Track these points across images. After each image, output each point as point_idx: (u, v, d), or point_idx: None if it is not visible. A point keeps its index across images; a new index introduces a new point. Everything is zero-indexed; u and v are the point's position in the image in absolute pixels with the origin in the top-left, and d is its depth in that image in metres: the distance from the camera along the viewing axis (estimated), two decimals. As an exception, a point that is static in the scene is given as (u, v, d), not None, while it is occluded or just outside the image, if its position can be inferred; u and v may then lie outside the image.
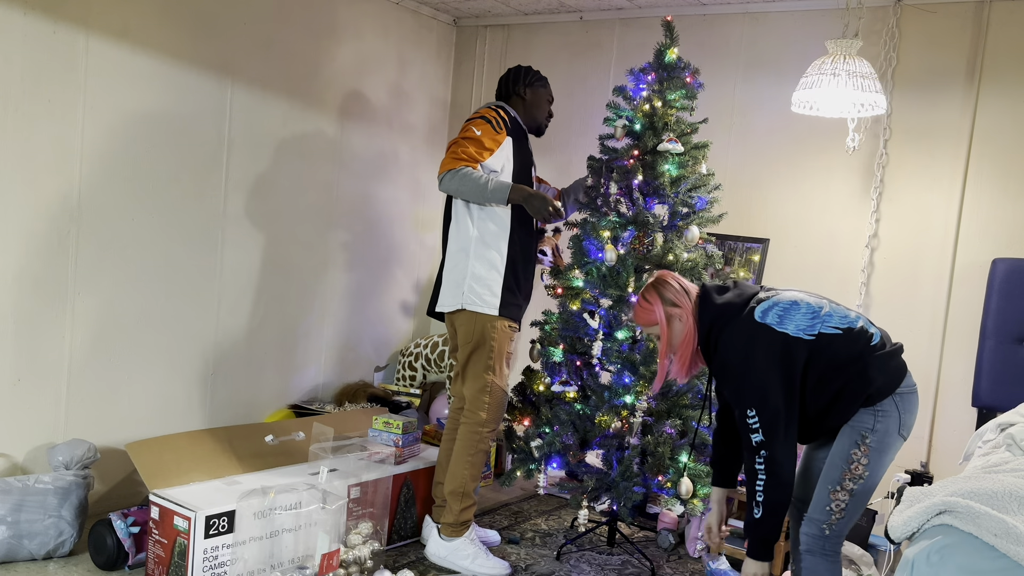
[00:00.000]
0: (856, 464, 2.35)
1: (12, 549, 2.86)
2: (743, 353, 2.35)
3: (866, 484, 2.36)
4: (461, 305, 3.15)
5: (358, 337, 4.49)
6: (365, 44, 4.32)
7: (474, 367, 3.19)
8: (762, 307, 2.39)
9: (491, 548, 3.30)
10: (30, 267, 3.08)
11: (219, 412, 3.78)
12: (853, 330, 2.38)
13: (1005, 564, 1.75)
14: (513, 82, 3.34)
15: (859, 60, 3.26)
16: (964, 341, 3.54)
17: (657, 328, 2.53)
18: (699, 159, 3.30)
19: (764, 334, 2.34)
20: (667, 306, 2.50)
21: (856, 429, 2.37)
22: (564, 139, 4.53)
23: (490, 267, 3.14)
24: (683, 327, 2.49)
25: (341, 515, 2.94)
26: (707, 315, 2.45)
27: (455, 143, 3.12)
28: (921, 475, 3.27)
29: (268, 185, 3.88)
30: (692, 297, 2.50)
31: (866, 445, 2.34)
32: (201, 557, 2.68)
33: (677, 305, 2.49)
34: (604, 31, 4.46)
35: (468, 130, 3.12)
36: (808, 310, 2.39)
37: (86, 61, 3.15)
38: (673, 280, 2.55)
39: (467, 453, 3.18)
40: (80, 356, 3.25)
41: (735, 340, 2.37)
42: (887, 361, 2.39)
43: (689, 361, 2.50)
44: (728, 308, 2.43)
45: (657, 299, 2.52)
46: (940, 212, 3.61)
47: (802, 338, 2.33)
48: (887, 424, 2.35)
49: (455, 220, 3.22)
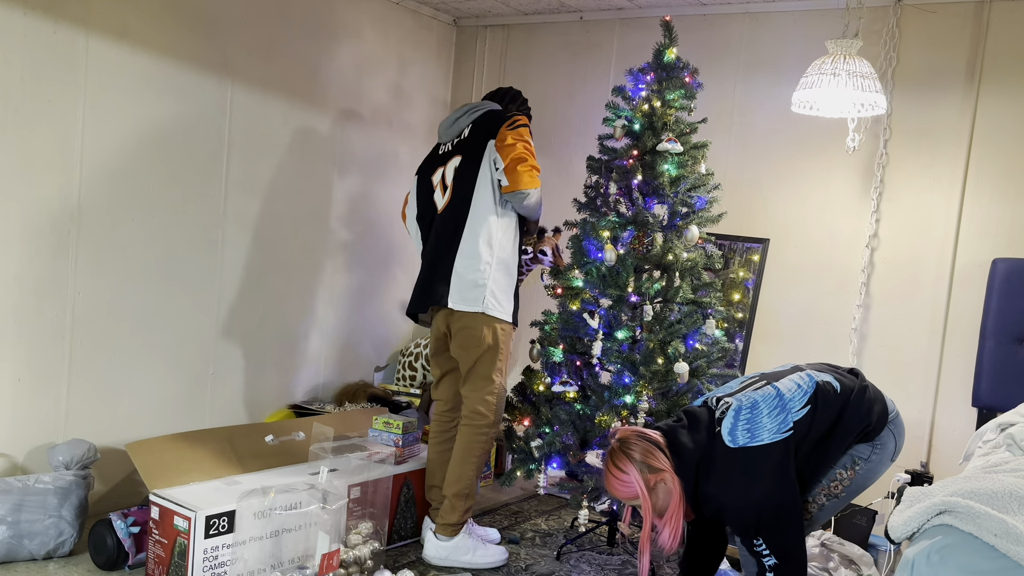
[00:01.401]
0: (837, 484, 2.30)
1: (12, 549, 2.86)
2: (740, 489, 2.18)
3: (838, 501, 2.31)
4: (482, 309, 3.06)
5: (358, 337, 4.49)
6: (365, 44, 4.32)
7: (484, 369, 3.15)
8: (727, 428, 2.23)
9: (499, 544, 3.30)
10: (30, 267, 3.08)
11: (219, 412, 3.78)
12: (818, 396, 2.26)
13: (1005, 564, 1.75)
14: (510, 100, 3.39)
15: (859, 60, 3.26)
16: (964, 341, 3.54)
17: (639, 500, 2.26)
18: (698, 159, 3.30)
19: (747, 458, 2.19)
20: (645, 472, 2.24)
21: (851, 455, 2.31)
22: (564, 139, 4.53)
23: (508, 272, 3.13)
24: (668, 490, 2.24)
25: (341, 515, 2.94)
26: (688, 466, 2.23)
27: (524, 157, 3.05)
28: (921, 475, 3.27)
29: (268, 185, 3.88)
30: (663, 450, 2.26)
31: (854, 471, 2.29)
32: (201, 557, 2.68)
33: (656, 468, 2.24)
34: (604, 31, 4.45)
35: (525, 140, 3.09)
36: (770, 406, 2.24)
37: (86, 61, 3.15)
38: (636, 438, 2.28)
39: (473, 455, 3.16)
40: (80, 356, 3.25)
41: (725, 480, 2.20)
42: (862, 399, 2.31)
43: (681, 525, 2.27)
44: (700, 447, 2.24)
45: (630, 466, 2.25)
46: (940, 212, 3.61)
47: (779, 439, 2.19)
48: (882, 455, 2.31)
49: (478, 217, 3.09)
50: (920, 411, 3.63)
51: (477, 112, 3.26)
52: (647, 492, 2.23)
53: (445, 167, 3.24)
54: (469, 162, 3.16)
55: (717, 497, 2.22)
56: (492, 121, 3.19)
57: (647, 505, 2.23)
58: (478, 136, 3.18)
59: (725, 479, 2.20)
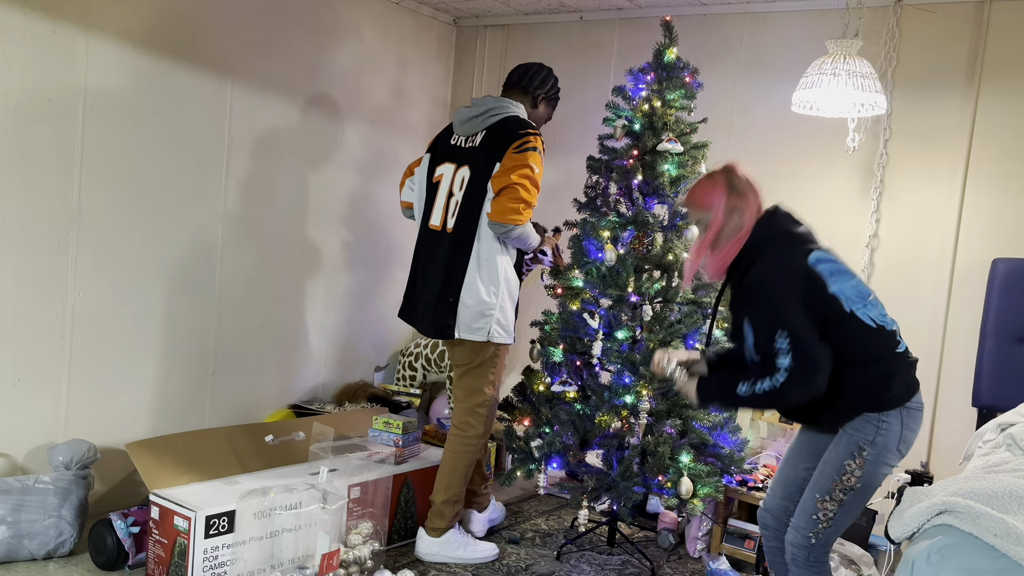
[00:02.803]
0: (848, 475, 2.25)
1: (12, 549, 2.86)
2: (782, 280, 2.20)
3: (856, 496, 2.26)
4: (488, 338, 3.08)
5: (358, 337, 4.49)
6: (365, 44, 4.32)
7: (476, 381, 3.19)
8: (818, 255, 2.27)
9: (499, 543, 3.30)
10: (30, 267, 3.08)
11: (219, 412, 3.78)
12: (886, 330, 2.28)
13: (1005, 564, 1.75)
14: (538, 84, 3.24)
15: (859, 60, 3.26)
16: (964, 341, 3.54)
17: (709, 215, 2.32)
18: (699, 159, 3.30)
19: (807, 276, 2.22)
20: (733, 195, 2.30)
21: (854, 439, 2.26)
22: (564, 139, 4.53)
23: (512, 295, 3.15)
24: (739, 223, 2.29)
25: (341, 515, 2.94)
26: (767, 229, 2.28)
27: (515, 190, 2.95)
28: (921, 475, 3.27)
29: (268, 185, 3.88)
30: (757, 201, 2.32)
31: (862, 458, 2.24)
32: (201, 557, 2.68)
33: (743, 197, 2.30)
34: (604, 31, 4.45)
35: (528, 167, 2.96)
36: (857, 288, 2.27)
37: (86, 61, 3.15)
38: (744, 174, 2.33)
39: (462, 465, 3.21)
40: (80, 356, 3.25)
41: (779, 264, 2.23)
42: (908, 371, 2.30)
43: (729, 261, 2.31)
44: (790, 236, 2.29)
45: (724, 184, 2.32)
46: (940, 212, 3.61)
47: (838, 302, 2.22)
48: (887, 439, 2.25)
49: (486, 244, 3.05)
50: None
51: (494, 117, 3.10)
52: (723, 208, 2.29)
53: (456, 173, 3.14)
54: (476, 181, 3.06)
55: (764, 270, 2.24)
56: (504, 135, 3.05)
57: (717, 219, 2.29)
58: (489, 150, 3.05)
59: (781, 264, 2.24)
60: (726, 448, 3.15)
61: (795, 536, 2.33)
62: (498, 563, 3.25)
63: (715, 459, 3.17)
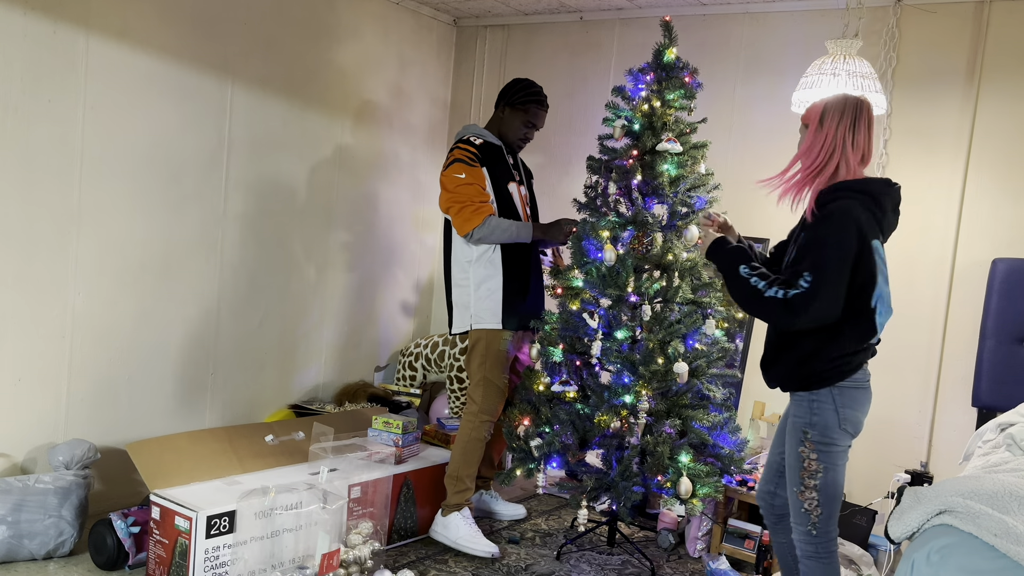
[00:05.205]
0: (808, 461, 2.36)
1: (12, 549, 2.86)
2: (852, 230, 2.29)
3: (827, 478, 2.35)
4: (470, 326, 3.38)
5: (358, 337, 4.49)
6: (365, 44, 4.32)
7: (470, 364, 3.42)
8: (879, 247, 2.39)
9: (499, 543, 3.30)
10: (30, 267, 3.08)
11: (219, 412, 3.78)
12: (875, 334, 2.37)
13: (1005, 564, 1.75)
14: (502, 94, 3.48)
15: (859, 60, 3.26)
16: (964, 341, 3.54)
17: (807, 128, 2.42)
18: (698, 159, 3.29)
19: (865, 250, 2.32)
20: (833, 116, 2.37)
21: (796, 426, 2.38)
22: (564, 139, 4.53)
23: (491, 288, 3.34)
24: (822, 147, 2.37)
25: (341, 515, 2.94)
26: (847, 184, 2.35)
27: (456, 198, 3.25)
28: (921, 475, 3.27)
29: (268, 185, 3.88)
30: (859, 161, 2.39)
31: (810, 441, 2.35)
32: (202, 557, 2.69)
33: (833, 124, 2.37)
34: (604, 31, 4.46)
35: (452, 179, 3.26)
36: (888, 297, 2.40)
37: (86, 61, 3.15)
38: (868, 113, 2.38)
39: (461, 440, 3.37)
40: (80, 356, 3.25)
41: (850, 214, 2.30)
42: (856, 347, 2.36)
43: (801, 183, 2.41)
44: (866, 201, 2.35)
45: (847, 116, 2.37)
46: (940, 212, 3.61)
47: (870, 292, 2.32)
48: (824, 418, 2.34)
49: (454, 247, 3.39)
50: (920, 411, 3.63)
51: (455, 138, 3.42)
52: (817, 120, 2.38)
53: None
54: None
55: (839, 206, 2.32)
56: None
57: (810, 136, 2.39)
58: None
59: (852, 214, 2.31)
60: (726, 448, 3.15)
61: (797, 533, 2.43)
62: (498, 563, 3.25)
63: (715, 459, 3.17)
